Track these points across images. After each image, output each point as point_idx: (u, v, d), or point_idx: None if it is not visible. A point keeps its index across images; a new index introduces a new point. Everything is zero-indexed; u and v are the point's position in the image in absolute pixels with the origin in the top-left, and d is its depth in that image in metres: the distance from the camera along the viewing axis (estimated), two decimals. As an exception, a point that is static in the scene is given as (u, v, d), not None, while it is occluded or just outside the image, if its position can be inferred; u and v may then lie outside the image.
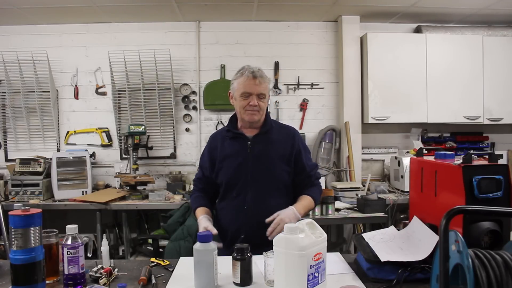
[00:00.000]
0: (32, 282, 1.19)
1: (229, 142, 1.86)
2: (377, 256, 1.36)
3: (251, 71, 1.77)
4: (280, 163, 1.81)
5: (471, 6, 3.65)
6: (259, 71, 1.79)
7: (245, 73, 1.77)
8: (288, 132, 1.89)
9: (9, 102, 3.87)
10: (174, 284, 1.33)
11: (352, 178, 3.89)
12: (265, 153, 1.81)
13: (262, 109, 1.80)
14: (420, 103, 3.85)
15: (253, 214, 1.74)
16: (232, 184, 1.81)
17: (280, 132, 1.87)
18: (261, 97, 1.78)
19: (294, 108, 4.13)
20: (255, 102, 1.75)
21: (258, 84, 1.76)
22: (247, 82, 1.76)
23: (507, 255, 0.94)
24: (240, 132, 1.86)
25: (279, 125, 1.95)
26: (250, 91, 1.76)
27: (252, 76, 1.76)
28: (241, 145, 1.83)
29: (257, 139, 1.83)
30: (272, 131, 1.86)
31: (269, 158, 1.80)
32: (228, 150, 1.85)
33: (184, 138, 4.11)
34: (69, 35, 3.99)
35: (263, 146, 1.82)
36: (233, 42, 4.08)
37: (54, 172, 3.49)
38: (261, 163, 1.79)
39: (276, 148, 1.82)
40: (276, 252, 1.16)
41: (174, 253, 2.74)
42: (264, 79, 1.79)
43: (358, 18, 3.98)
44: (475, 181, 1.55)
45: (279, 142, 1.84)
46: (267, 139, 1.83)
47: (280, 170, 1.81)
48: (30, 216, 1.20)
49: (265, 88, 1.79)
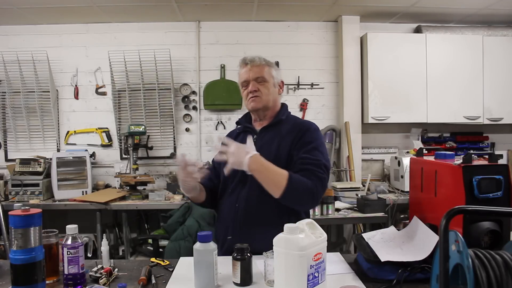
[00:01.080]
0: (32, 282, 1.19)
1: (240, 137, 1.75)
2: (377, 256, 1.36)
3: (243, 59, 1.71)
4: (283, 160, 1.58)
5: (471, 6, 3.65)
6: (252, 57, 1.71)
7: (240, 64, 1.73)
8: (302, 126, 1.66)
9: (9, 102, 3.88)
10: (174, 284, 1.33)
11: (352, 178, 3.89)
12: (268, 146, 1.63)
13: (266, 93, 1.66)
14: (420, 103, 3.85)
15: (243, 214, 1.58)
16: (230, 179, 1.66)
17: (293, 126, 1.68)
18: (260, 80, 1.66)
19: (294, 108, 4.13)
20: (252, 87, 1.65)
21: (250, 68, 1.67)
22: (242, 71, 1.70)
23: (507, 255, 0.94)
24: (249, 126, 1.76)
25: (297, 121, 1.74)
26: (246, 78, 1.68)
27: (243, 63, 1.70)
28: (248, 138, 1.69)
29: (265, 132, 1.70)
30: (283, 124, 1.69)
31: (270, 152, 1.60)
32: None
33: (184, 138, 4.11)
34: (69, 35, 3.99)
35: (268, 138, 1.67)
36: (233, 42, 4.08)
37: (54, 172, 3.49)
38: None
39: (282, 142, 1.63)
40: (276, 252, 1.16)
41: (174, 253, 2.74)
42: (256, 63, 1.68)
43: (358, 18, 3.98)
44: (475, 181, 1.55)
45: (288, 135, 1.64)
46: (276, 133, 1.67)
47: (280, 166, 1.50)
48: (30, 216, 1.20)
49: (259, 71, 1.67)
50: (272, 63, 1.74)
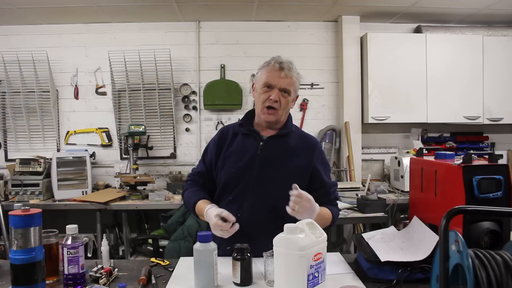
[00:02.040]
0: (32, 282, 1.19)
1: (239, 139, 1.65)
2: (377, 256, 1.36)
3: (278, 61, 1.56)
4: (292, 174, 1.56)
5: (471, 6, 3.64)
6: (288, 63, 1.57)
7: (272, 63, 1.57)
8: (309, 142, 1.65)
9: (9, 102, 3.87)
10: (174, 284, 1.33)
11: (352, 178, 3.89)
12: (277, 159, 1.58)
13: (284, 107, 1.58)
14: (420, 103, 3.85)
15: (245, 226, 1.45)
16: (231, 186, 1.59)
17: (300, 140, 1.65)
18: (285, 93, 1.56)
19: (294, 108, 4.09)
20: (276, 96, 1.54)
21: (284, 77, 1.54)
22: (272, 73, 1.55)
23: (507, 255, 0.94)
24: (254, 130, 1.64)
25: (301, 132, 1.72)
26: (273, 83, 1.55)
27: (279, 67, 1.55)
28: (252, 144, 1.62)
29: (272, 141, 1.61)
30: (291, 136, 1.64)
31: (280, 165, 1.57)
32: (235, 147, 1.63)
33: (184, 138, 4.11)
34: (69, 35, 3.99)
35: (276, 150, 1.60)
36: (233, 42, 4.08)
37: (54, 172, 3.49)
38: (269, 169, 1.57)
39: (292, 156, 1.59)
40: (276, 252, 1.16)
41: (174, 253, 2.74)
42: (292, 73, 1.56)
43: (358, 18, 3.98)
44: (475, 181, 1.55)
45: (296, 150, 1.61)
46: (283, 144, 1.61)
47: (290, 182, 1.43)
48: (30, 216, 1.20)
49: (290, 84, 1.56)
50: (300, 76, 1.64)
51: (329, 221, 1.59)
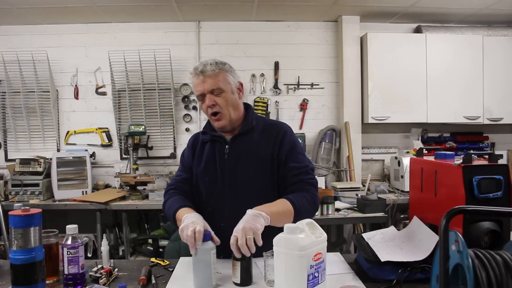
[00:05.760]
0: (32, 282, 1.19)
1: (207, 147, 1.62)
2: (377, 256, 1.36)
3: (195, 68, 1.52)
4: (263, 169, 1.54)
5: (471, 6, 3.65)
6: (204, 63, 1.51)
7: (192, 73, 1.53)
8: (276, 130, 1.60)
9: (9, 102, 3.88)
10: (174, 284, 1.33)
11: (352, 178, 3.89)
12: (245, 159, 1.55)
13: (225, 105, 1.51)
14: (420, 103, 3.85)
15: (230, 234, 1.29)
16: (207, 198, 1.57)
17: (266, 131, 1.60)
18: (216, 93, 1.50)
19: (294, 108, 4.13)
20: (209, 101, 1.50)
21: (204, 79, 1.49)
22: (195, 83, 1.52)
23: (507, 255, 0.94)
24: (218, 135, 1.60)
25: (267, 122, 1.66)
26: (201, 91, 1.51)
27: (197, 73, 1.50)
28: (218, 150, 1.59)
29: (236, 142, 1.58)
30: (254, 131, 1.59)
31: (249, 165, 1.54)
32: (204, 157, 1.61)
33: (184, 138, 4.11)
34: (69, 35, 3.99)
35: (242, 149, 1.56)
36: (233, 42, 4.08)
37: (54, 172, 3.49)
38: (240, 172, 1.54)
39: (259, 151, 1.55)
40: (276, 252, 1.16)
41: (174, 253, 2.73)
42: (208, 73, 1.49)
43: (358, 18, 3.98)
44: (475, 181, 1.55)
45: (263, 142, 1.57)
46: (248, 141, 1.57)
47: (262, 178, 1.52)
48: (30, 216, 1.20)
49: (215, 82, 1.49)
50: (225, 66, 1.55)
51: (288, 211, 1.42)
